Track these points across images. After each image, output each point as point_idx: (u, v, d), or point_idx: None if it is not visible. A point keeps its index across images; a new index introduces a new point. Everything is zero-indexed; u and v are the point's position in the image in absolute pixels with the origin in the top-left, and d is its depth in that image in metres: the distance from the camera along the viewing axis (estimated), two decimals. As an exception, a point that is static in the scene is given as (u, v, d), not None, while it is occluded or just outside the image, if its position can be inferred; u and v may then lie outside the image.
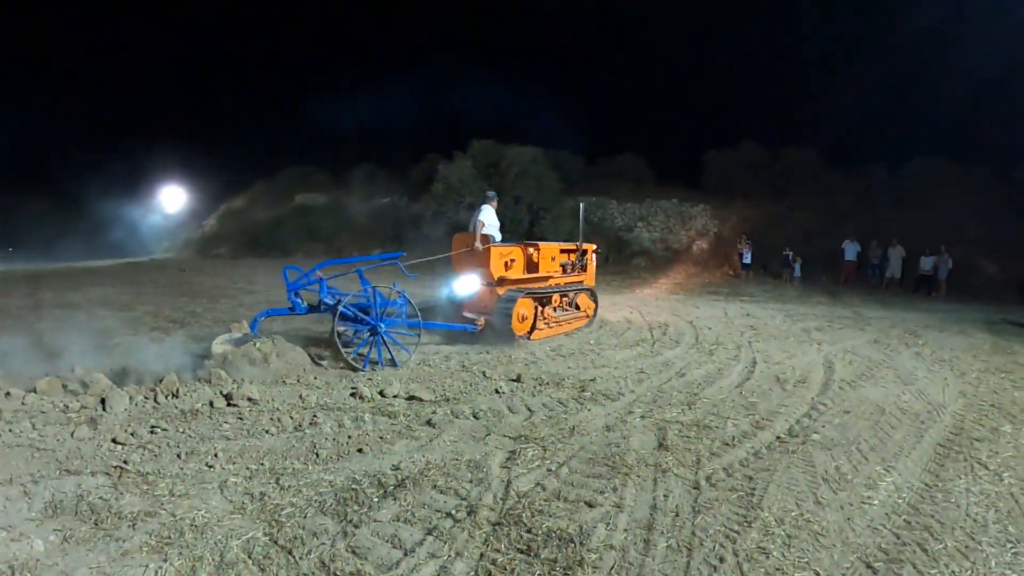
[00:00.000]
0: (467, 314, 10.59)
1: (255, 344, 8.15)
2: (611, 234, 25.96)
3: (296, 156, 40.30)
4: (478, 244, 10.41)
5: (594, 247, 12.81)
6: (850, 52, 39.26)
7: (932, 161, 27.15)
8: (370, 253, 27.71)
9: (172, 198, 41.42)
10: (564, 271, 11.81)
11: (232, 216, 37.11)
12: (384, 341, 8.70)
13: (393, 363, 8.63)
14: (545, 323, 11.13)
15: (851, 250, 22.55)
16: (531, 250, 11.16)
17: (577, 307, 12.16)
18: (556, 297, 11.56)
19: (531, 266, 11.15)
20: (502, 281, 10.50)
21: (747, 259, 23.34)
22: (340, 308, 8.57)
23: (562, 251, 11.94)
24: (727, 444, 5.65)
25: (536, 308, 10.87)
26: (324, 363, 8.51)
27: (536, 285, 11.00)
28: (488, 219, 10.84)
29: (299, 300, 8.89)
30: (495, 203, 11.31)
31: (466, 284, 10.48)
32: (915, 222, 23.73)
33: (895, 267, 21.70)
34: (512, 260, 10.78)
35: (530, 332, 10.74)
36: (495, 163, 26.65)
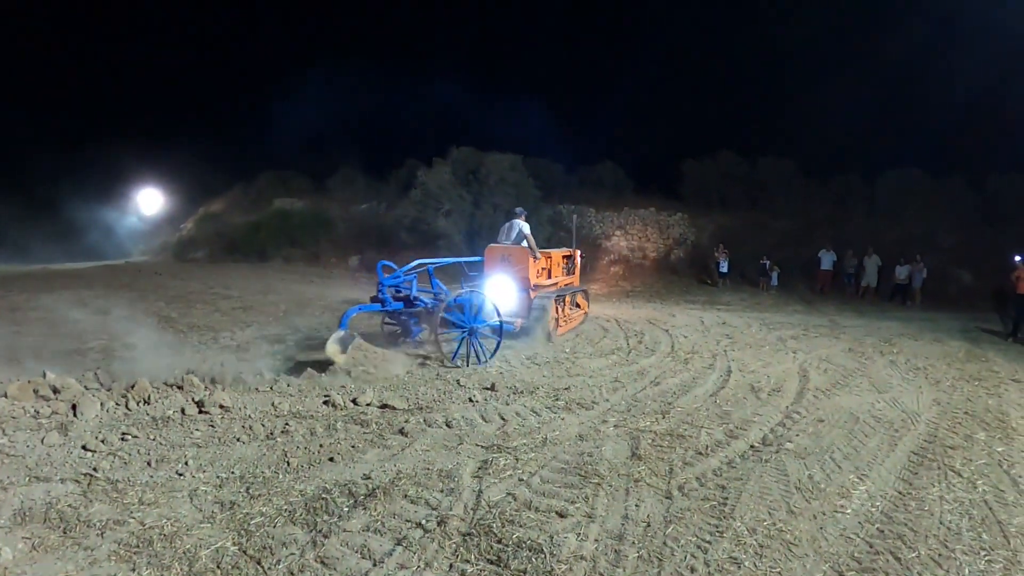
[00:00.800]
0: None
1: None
2: (589, 242, 25.92)
3: (275, 160, 40.05)
4: (537, 254, 11.50)
5: (579, 252, 14.10)
6: (828, 65, 39.56)
7: (906, 172, 27.36)
8: (350, 259, 27.75)
9: (149, 201, 41.07)
10: (565, 274, 13.16)
11: (210, 220, 36.65)
12: (474, 340, 9.35)
13: (478, 360, 9.24)
14: (565, 320, 12.36)
15: (827, 259, 22.67)
16: (547, 258, 12.38)
17: (578, 305, 13.54)
18: (568, 297, 12.65)
19: (548, 272, 12.38)
20: (536, 287, 11.55)
21: (724, 268, 23.39)
22: (442, 314, 9.00)
23: (563, 257, 13.25)
24: (700, 453, 5.66)
25: (557, 308, 11.88)
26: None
27: (554, 288, 12.16)
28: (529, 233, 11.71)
29: (389, 296, 9.31)
30: (524, 218, 12.08)
31: (506, 293, 11.05)
32: (890, 232, 23.93)
33: (871, 276, 21.82)
34: (543, 268, 12.06)
35: (555, 329, 11.63)
36: (474, 170, 26.58)
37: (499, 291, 10.80)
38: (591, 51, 53.66)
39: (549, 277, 12.30)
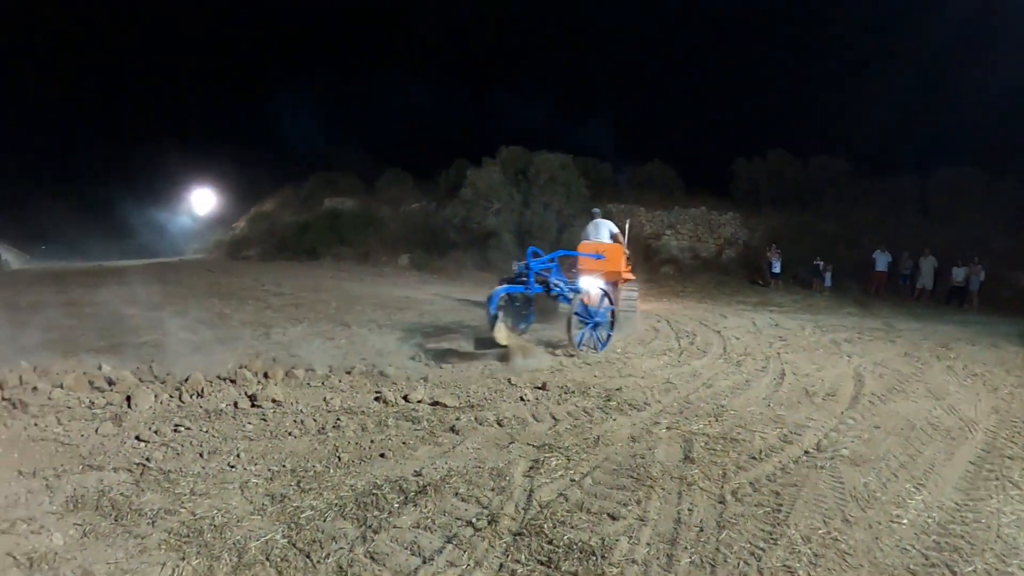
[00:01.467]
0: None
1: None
2: (639, 242, 25.76)
3: (324, 161, 40.49)
4: (627, 251, 13.06)
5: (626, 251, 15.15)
6: (879, 62, 38.96)
7: (961, 171, 26.75)
8: (399, 258, 28.03)
9: (202, 201, 41.92)
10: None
11: (261, 219, 37.21)
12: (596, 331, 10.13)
13: (595, 349, 10.00)
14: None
15: (882, 260, 22.25)
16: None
17: None
18: None
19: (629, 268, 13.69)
20: (626, 281, 12.89)
21: (776, 268, 23.10)
22: (577, 308, 9.73)
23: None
24: (754, 458, 5.55)
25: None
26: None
27: (629, 280, 13.38)
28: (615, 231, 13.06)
29: (533, 281, 9.89)
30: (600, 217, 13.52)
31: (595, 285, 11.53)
32: (943, 232, 23.37)
33: (927, 278, 21.37)
34: (628, 264, 13.46)
35: None
36: (524, 169, 26.60)
37: (599, 285, 11.12)
38: (641, 50, 53.38)
39: (629, 272, 13.47)
